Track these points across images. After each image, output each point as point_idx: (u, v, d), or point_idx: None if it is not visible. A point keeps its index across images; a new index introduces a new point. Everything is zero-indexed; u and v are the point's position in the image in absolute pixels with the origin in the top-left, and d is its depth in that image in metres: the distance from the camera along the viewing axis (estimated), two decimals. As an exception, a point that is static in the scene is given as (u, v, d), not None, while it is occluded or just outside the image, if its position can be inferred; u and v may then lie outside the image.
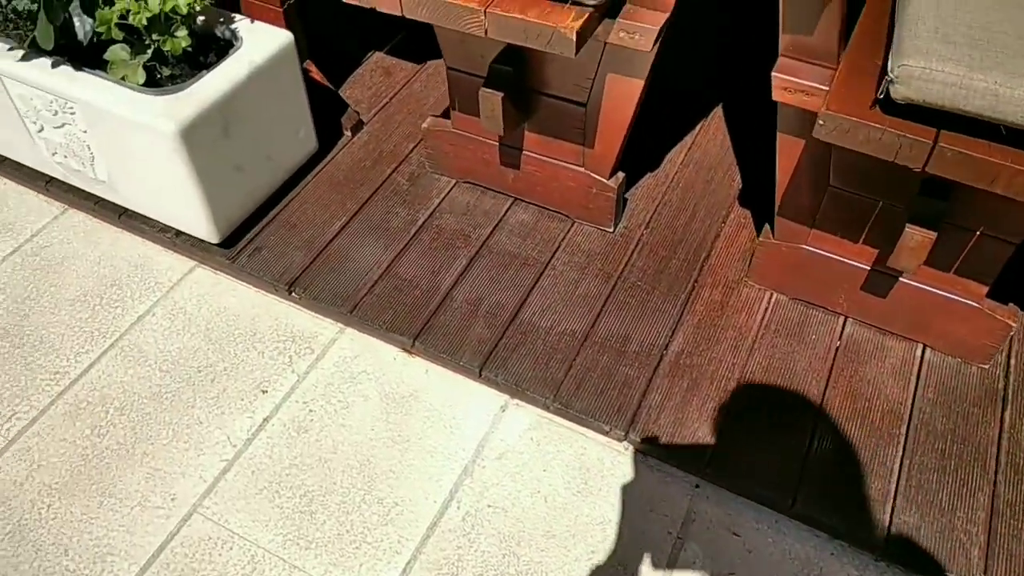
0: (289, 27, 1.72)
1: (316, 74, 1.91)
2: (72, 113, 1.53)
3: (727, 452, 1.38)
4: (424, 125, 1.77)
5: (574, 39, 1.21)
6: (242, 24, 1.62)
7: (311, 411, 1.49)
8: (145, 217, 1.72)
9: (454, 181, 1.83)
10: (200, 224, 1.61)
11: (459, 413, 1.49)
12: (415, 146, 1.92)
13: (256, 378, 1.54)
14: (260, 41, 1.60)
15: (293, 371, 1.55)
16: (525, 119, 1.59)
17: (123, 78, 1.49)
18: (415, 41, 2.20)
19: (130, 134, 1.49)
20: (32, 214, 1.82)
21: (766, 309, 1.58)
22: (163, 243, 1.74)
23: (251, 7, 1.73)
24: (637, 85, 1.43)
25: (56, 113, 1.56)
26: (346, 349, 1.59)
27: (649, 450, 1.41)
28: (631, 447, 1.42)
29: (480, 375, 1.50)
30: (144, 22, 1.42)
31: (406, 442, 1.45)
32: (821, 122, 1.10)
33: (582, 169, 1.63)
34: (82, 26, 1.46)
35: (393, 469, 1.41)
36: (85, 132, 1.56)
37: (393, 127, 1.97)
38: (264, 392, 1.52)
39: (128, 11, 1.42)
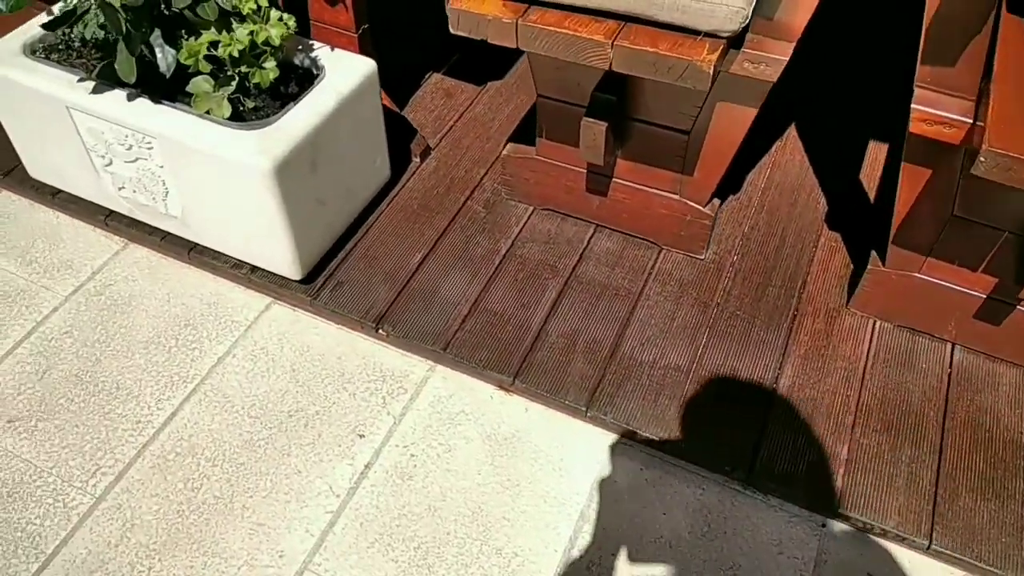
0: (364, 52, 1.66)
1: (385, 99, 1.84)
2: (150, 148, 1.45)
3: (853, 488, 1.34)
4: (504, 152, 1.71)
5: (711, 72, 1.16)
6: (322, 52, 1.55)
7: (413, 455, 1.43)
8: (217, 252, 1.64)
9: (532, 208, 1.78)
10: (284, 260, 1.54)
11: (567, 454, 1.43)
12: (486, 172, 1.86)
13: (351, 421, 1.47)
14: (344, 70, 1.53)
15: (388, 413, 1.48)
16: (620, 147, 1.54)
17: (208, 112, 1.41)
18: (472, 62, 2.14)
19: (217, 170, 1.41)
20: (91, 250, 1.74)
21: (872, 337, 1.54)
22: (236, 279, 1.67)
23: (323, 33, 1.66)
24: (750, 114, 1.39)
25: (130, 148, 1.48)
26: (440, 388, 1.52)
27: (770, 489, 1.37)
28: (751, 486, 1.38)
29: (587, 414, 1.45)
30: (235, 54, 1.35)
31: (516, 487, 1.39)
32: (983, 159, 1.06)
33: (677, 197, 1.59)
34: (164, 58, 1.38)
35: (507, 516, 1.35)
36: (162, 167, 1.48)
37: (461, 152, 1.91)
38: (361, 436, 1.45)
39: (218, 42, 1.35)
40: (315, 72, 1.54)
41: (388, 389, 1.52)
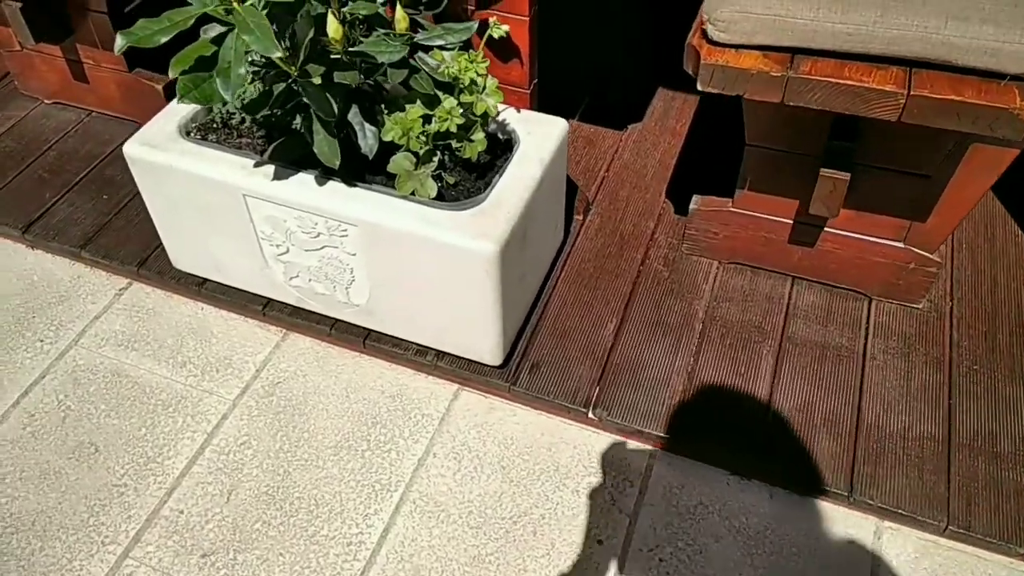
0: (532, 107, 1.52)
1: (545, 155, 1.71)
2: (343, 235, 1.31)
3: None
4: (693, 206, 1.57)
5: (1027, 120, 1.04)
6: (509, 114, 1.42)
7: (661, 560, 1.28)
8: (396, 339, 1.50)
9: (717, 263, 1.64)
10: (486, 346, 1.39)
11: (830, 546, 1.29)
12: (656, 225, 1.72)
13: (581, 524, 1.32)
14: (539, 133, 1.39)
15: (620, 511, 1.34)
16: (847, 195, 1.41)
17: (412, 193, 1.27)
18: (602, 107, 2.01)
19: (428, 256, 1.27)
20: (249, 344, 1.58)
21: None
22: (419, 367, 1.52)
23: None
24: (1010, 155, 1.26)
25: (318, 236, 1.33)
26: (668, 477, 1.38)
27: (1072, 571, 1.23)
28: (1048, 569, 1.24)
29: (849, 499, 1.30)
30: (453, 128, 1.20)
31: (785, 587, 1.25)
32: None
33: (901, 244, 1.45)
34: (365, 137, 1.24)
35: (786, 624, 1.21)
36: (353, 255, 1.34)
37: (622, 205, 1.77)
38: (600, 543, 1.30)
39: (430, 116, 1.21)
40: (503, 137, 1.40)
41: (612, 483, 1.37)
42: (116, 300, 1.67)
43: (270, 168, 1.32)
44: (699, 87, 1.17)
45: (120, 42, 1.00)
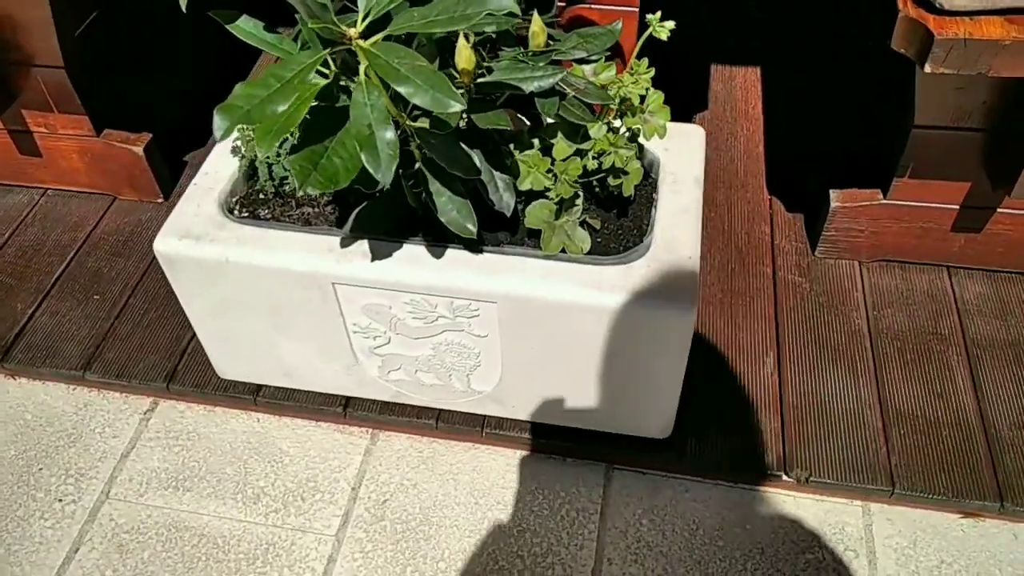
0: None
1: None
2: (474, 315, 1.01)
3: None
4: (835, 203, 1.33)
5: None
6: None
7: (927, 646, 1.05)
8: (525, 423, 1.21)
9: (857, 263, 1.41)
10: (658, 420, 1.12)
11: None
12: (771, 229, 1.48)
13: (817, 618, 1.08)
14: (678, 148, 1.12)
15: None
16: (1033, 169, 1.20)
17: (562, 250, 0.98)
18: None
19: (595, 327, 0.98)
20: (331, 456, 1.26)
21: None
22: (552, 451, 1.23)
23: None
24: None
25: (436, 320, 1.03)
26: (894, 536, 1.14)
27: None
28: None
29: (1120, 527, 1.10)
30: (620, 163, 0.92)
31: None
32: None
33: (1087, 215, 1.26)
34: (497, 189, 0.94)
35: None
36: (484, 337, 1.04)
37: (723, 211, 1.51)
38: (849, 638, 1.06)
39: (593, 153, 0.92)
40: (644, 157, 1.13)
41: (834, 558, 1.13)
42: (144, 428, 1.32)
43: (365, 245, 1.01)
44: (928, 68, 0.92)
45: (221, 123, 0.67)
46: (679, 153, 1.11)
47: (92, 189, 1.63)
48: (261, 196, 1.11)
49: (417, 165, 0.95)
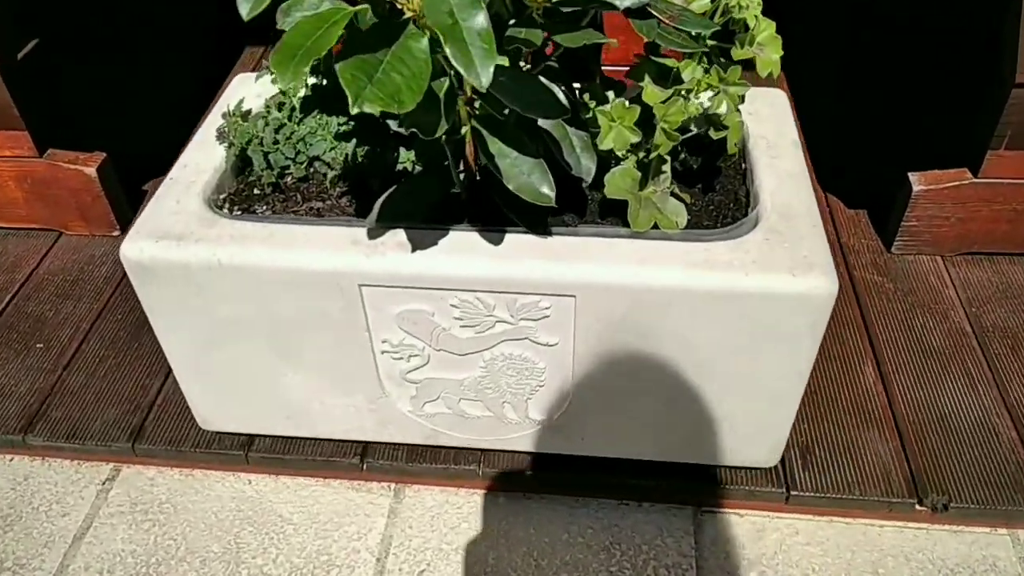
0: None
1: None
2: (543, 316, 0.78)
3: None
4: (918, 187, 1.16)
5: None
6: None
7: None
8: (587, 462, 0.97)
9: (939, 257, 1.24)
10: (767, 440, 0.90)
11: None
12: (834, 225, 1.30)
13: None
14: (763, 112, 0.94)
15: (1030, 644, 0.87)
16: None
17: (653, 226, 0.77)
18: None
19: (706, 319, 0.76)
20: (346, 519, 1.00)
21: None
22: (625, 494, 1.00)
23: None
24: None
25: (491, 327, 0.80)
26: (1055, 570, 0.93)
27: None
28: None
29: None
30: (733, 104, 0.73)
31: None
32: None
33: None
34: (573, 149, 0.73)
35: None
36: (552, 345, 0.81)
37: (776, 209, 1.34)
38: None
39: (682, 92, 0.72)
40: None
41: (992, 601, 0.91)
42: (103, 501, 1.04)
43: (400, 234, 0.78)
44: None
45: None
46: (765, 118, 0.93)
47: (32, 224, 1.37)
48: (256, 191, 0.89)
49: (464, 130, 0.74)
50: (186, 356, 0.90)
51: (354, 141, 0.85)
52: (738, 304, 0.75)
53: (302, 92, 0.89)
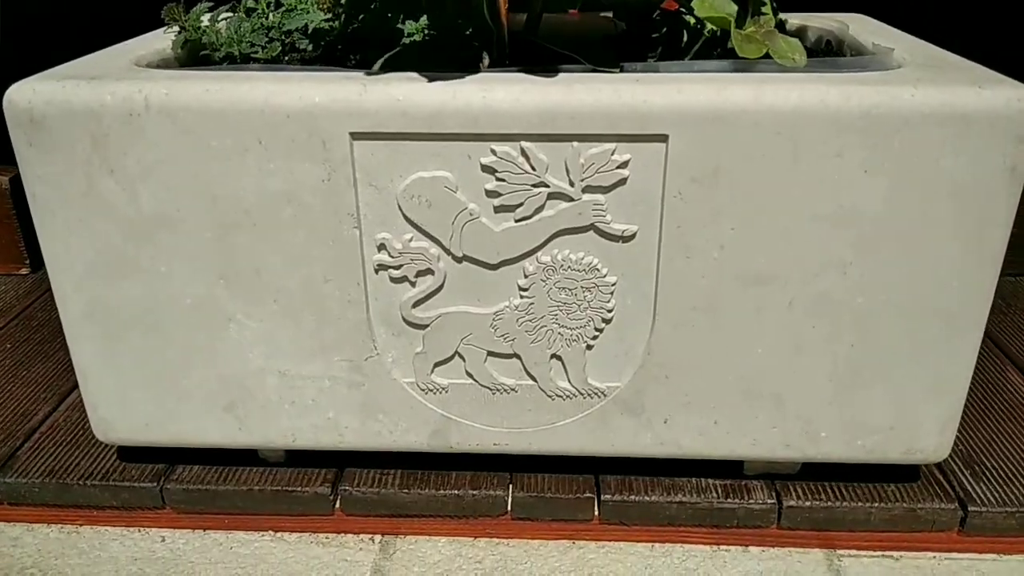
0: None
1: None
2: (618, 179, 0.54)
3: None
4: None
5: None
6: None
7: None
8: (668, 466, 0.67)
9: None
10: (935, 409, 0.61)
11: None
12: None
13: None
14: (855, 28, 0.77)
15: None
16: None
17: (764, 55, 0.56)
18: None
19: (866, 162, 0.52)
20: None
21: None
22: (714, 537, 0.68)
23: None
24: None
25: (542, 205, 0.55)
26: None
27: None
28: None
29: None
30: None
31: None
32: None
33: None
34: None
35: None
36: (629, 237, 0.55)
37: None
38: None
39: None
40: None
41: None
42: (-69, 574, 0.68)
43: (412, 74, 0.55)
44: None
45: None
46: (857, 33, 0.75)
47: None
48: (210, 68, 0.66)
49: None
50: (86, 292, 0.60)
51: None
52: (907, 135, 0.51)
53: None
